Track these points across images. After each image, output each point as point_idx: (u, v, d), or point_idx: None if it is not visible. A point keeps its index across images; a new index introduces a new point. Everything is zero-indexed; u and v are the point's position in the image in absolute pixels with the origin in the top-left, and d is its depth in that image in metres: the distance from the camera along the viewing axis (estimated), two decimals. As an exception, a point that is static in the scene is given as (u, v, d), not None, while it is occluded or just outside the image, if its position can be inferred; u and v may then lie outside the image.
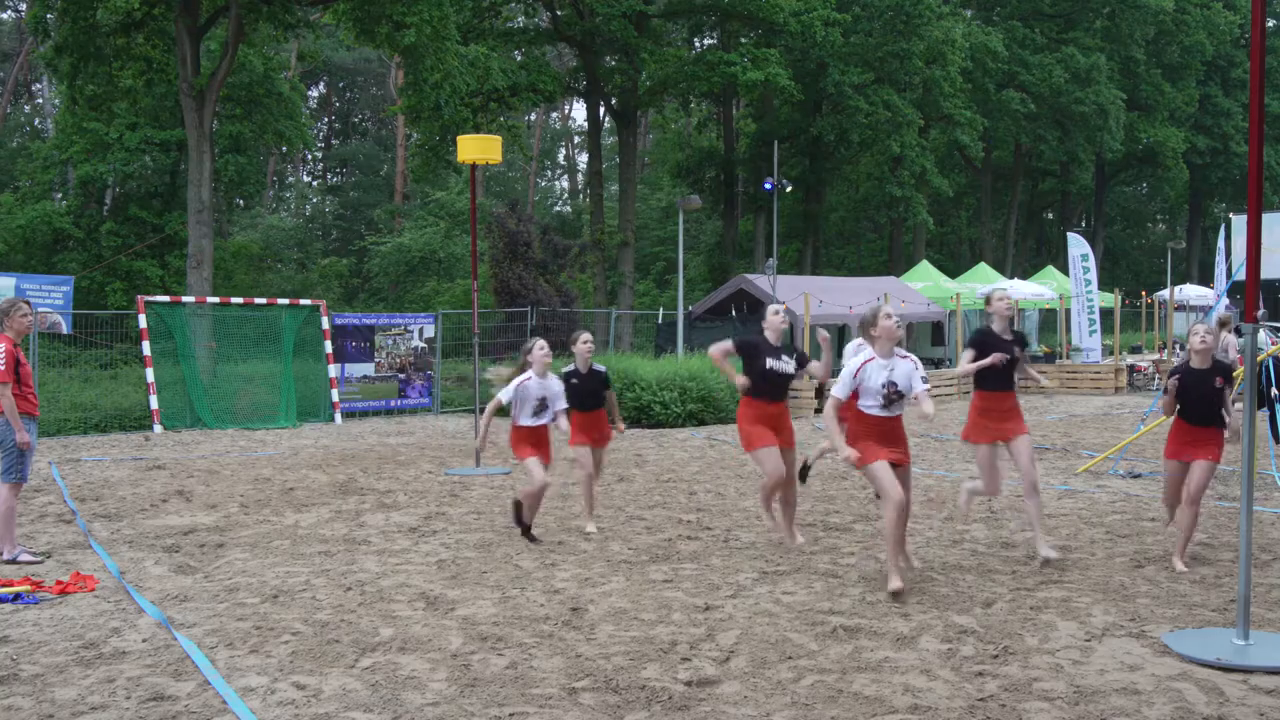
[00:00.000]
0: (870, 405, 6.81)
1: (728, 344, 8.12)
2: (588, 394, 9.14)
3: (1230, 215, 28.46)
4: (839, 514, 9.75)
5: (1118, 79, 42.95)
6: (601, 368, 9.28)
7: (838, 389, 6.88)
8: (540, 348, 8.57)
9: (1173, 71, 46.95)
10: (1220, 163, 50.14)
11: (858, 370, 6.82)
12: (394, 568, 7.72)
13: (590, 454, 9.17)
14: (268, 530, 9.19)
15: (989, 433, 7.63)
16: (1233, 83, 49.84)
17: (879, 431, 6.81)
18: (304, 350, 19.94)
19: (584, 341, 9.12)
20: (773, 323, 8.01)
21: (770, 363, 7.82)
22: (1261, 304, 5.71)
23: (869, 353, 6.91)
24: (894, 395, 6.77)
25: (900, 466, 6.84)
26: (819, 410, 24.00)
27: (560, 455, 11.32)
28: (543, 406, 8.48)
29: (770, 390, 7.86)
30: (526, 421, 8.48)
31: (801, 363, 7.99)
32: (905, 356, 6.88)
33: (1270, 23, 51.32)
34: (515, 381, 8.42)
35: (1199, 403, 7.39)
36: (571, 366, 9.18)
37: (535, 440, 8.51)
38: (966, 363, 7.65)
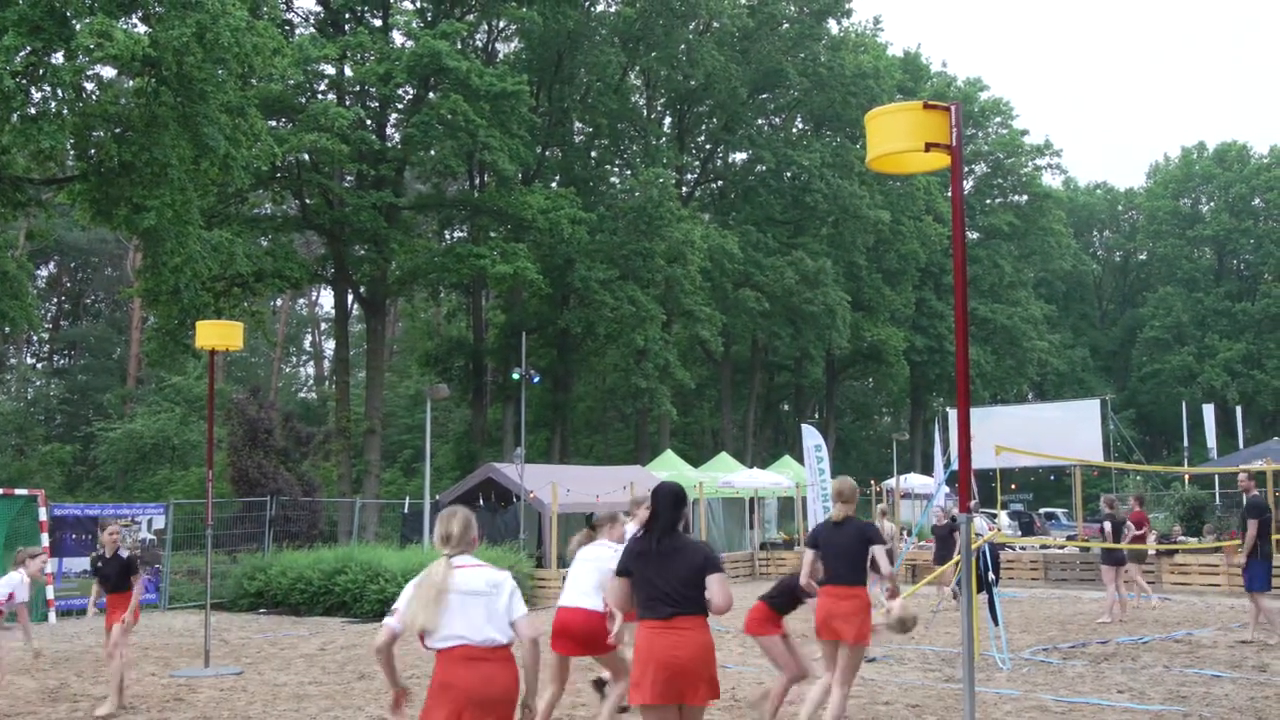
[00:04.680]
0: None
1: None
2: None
3: (946, 409, 30.60)
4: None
5: (843, 282, 46.01)
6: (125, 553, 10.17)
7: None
8: None
9: (891, 276, 50.80)
10: (936, 360, 53.95)
11: None
12: (109, 781, 7.14)
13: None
14: (-36, 745, 8.37)
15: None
16: (944, 287, 54.14)
17: None
18: (18, 543, 18.38)
19: None
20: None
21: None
22: (975, 493, 6.16)
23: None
24: None
25: None
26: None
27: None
28: None
29: (649, 604, 5.78)
30: None
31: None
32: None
33: (972, 235, 56.53)
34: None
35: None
36: None
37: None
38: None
